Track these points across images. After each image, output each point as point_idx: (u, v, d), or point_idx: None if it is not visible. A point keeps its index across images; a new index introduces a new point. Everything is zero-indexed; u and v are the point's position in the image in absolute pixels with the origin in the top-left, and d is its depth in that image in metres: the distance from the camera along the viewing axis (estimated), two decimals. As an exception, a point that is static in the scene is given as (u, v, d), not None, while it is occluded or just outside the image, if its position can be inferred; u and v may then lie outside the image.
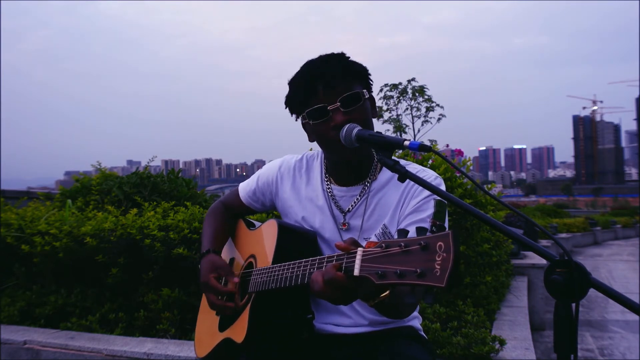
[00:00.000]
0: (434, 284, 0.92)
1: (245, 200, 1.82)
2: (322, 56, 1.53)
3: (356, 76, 1.53)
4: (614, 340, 5.55)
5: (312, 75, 1.49)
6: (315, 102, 1.49)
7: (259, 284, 1.50)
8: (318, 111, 1.49)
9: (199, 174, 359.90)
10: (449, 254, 0.92)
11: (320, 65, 1.50)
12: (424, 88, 15.40)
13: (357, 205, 1.59)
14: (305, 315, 1.56)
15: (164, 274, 3.36)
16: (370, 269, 1.04)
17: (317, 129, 1.52)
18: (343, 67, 1.50)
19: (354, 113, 1.47)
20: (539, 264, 5.85)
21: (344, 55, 1.53)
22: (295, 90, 1.54)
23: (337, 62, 1.51)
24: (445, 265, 0.92)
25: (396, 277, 0.98)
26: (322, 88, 1.48)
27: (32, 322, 3.46)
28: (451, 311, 3.50)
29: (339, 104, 1.47)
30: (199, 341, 1.81)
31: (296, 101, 1.55)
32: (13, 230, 3.79)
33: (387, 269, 1.00)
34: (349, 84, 1.49)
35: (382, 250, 1.03)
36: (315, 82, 1.48)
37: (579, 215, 26.12)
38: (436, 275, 0.92)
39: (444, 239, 0.94)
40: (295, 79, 1.54)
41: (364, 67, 1.56)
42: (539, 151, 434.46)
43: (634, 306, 0.98)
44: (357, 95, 1.49)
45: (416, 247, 0.97)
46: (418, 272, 0.95)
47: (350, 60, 1.53)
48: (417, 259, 0.96)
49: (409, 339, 1.59)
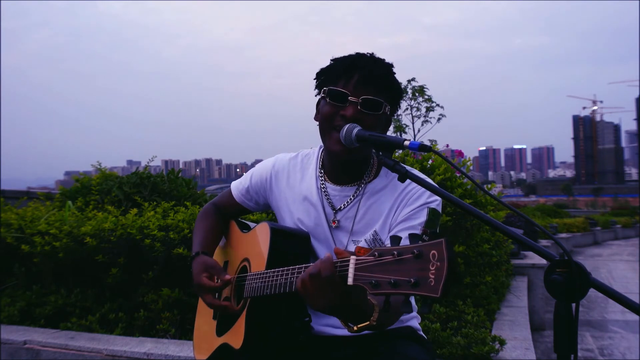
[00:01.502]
0: (429, 294, 0.91)
1: (238, 199, 1.81)
2: (373, 55, 1.55)
3: (390, 90, 1.53)
4: (614, 340, 5.55)
5: (356, 63, 1.50)
6: (342, 86, 1.50)
7: (253, 289, 1.49)
8: (339, 94, 1.49)
9: (199, 174, 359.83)
10: (443, 262, 0.91)
11: (368, 61, 1.51)
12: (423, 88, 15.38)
13: (349, 205, 1.59)
14: (302, 318, 1.55)
15: (164, 274, 3.36)
16: (364, 278, 1.03)
17: (327, 109, 1.52)
18: (384, 75, 1.52)
19: (366, 117, 1.48)
20: (539, 264, 5.85)
21: (391, 67, 1.55)
22: (333, 66, 1.55)
23: (383, 67, 1.52)
24: (439, 274, 0.91)
25: (390, 287, 0.97)
26: (356, 78, 1.49)
27: (32, 322, 3.46)
28: (451, 311, 3.50)
29: (360, 100, 1.47)
30: (198, 345, 1.80)
31: (328, 75, 1.55)
32: (13, 230, 3.79)
33: (381, 278, 0.99)
34: (378, 91, 1.50)
35: (375, 258, 1.02)
36: (354, 70, 1.49)
37: (579, 215, 26.11)
38: (430, 285, 0.91)
39: (437, 247, 0.93)
40: (340, 58, 1.55)
41: (400, 89, 1.58)
42: (539, 151, 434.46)
43: (634, 306, 0.98)
44: (379, 104, 1.49)
45: (409, 255, 0.96)
46: (412, 282, 0.94)
47: (394, 76, 1.55)
48: (411, 268, 0.95)
49: (408, 339, 1.59)
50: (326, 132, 1.54)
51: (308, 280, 1.17)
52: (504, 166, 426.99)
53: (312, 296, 1.18)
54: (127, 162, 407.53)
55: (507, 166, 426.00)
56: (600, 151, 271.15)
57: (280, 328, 1.54)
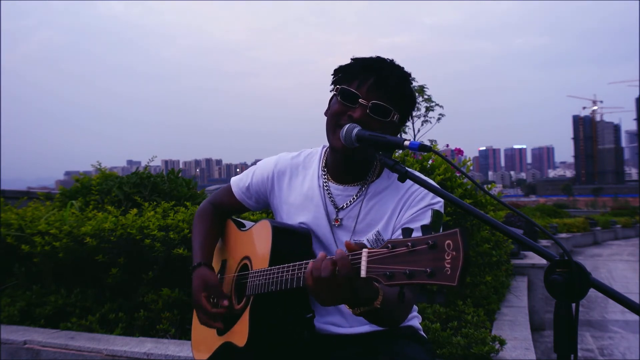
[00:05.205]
0: (446, 282, 0.91)
1: (238, 196, 1.79)
2: (392, 61, 1.54)
3: (402, 99, 1.53)
4: (614, 340, 5.55)
5: (373, 66, 1.50)
6: (355, 87, 1.49)
7: (257, 286, 1.48)
8: (351, 95, 1.49)
9: (199, 174, 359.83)
10: (459, 252, 0.91)
11: (385, 66, 1.51)
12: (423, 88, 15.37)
13: (352, 205, 1.59)
14: (306, 315, 1.55)
15: (164, 274, 3.36)
16: (377, 270, 1.03)
17: (337, 107, 1.52)
18: (399, 84, 1.51)
19: (373, 122, 1.47)
20: (539, 264, 5.84)
21: (408, 76, 1.55)
22: (352, 65, 1.55)
23: (400, 75, 1.52)
24: (456, 263, 0.91)
25: (405, 278, 0.97)
26: (371, 82, 1.48)
27: (32, 322, 3.46)
28: (451, 311, 3.50)
29: (370, 104, 1.47)
30: (196, 345, 1.80)
31: (345, 73, 1.55)
32: (13, 230, 3.79)
33: (396, 269, 0.99)
34: (390, 98, 1.49)
35: (388, 250, 1.02)
36: (371, 73, 1.49)
37: (579, 215, 26.10)
38: (447, 274, 0.91)
39: (452, 237, 0.93)
40: (360, 59, 1.55)
41: (414, 100, 1.58)
42: (539, 151, 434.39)
43: (634, 306, 0.98)
44: (388, 111, 1.49)
45: (424, 246, 0.96)
46: (428, 272, 0.93)
47: (410, 86, 1.55)
48: (426, 258, 0.95)
49: (408, 338, 1.59)
50: (331, 129, 1.54)
51: (323, 280, 1.14)
52: (504, 166, 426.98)
53: (323, 294, 1.17)
54: (127, 162, 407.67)
55: (507, 166, 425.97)
56: (600, 151, 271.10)
57: (284, 325, 1.54)
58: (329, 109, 1.58)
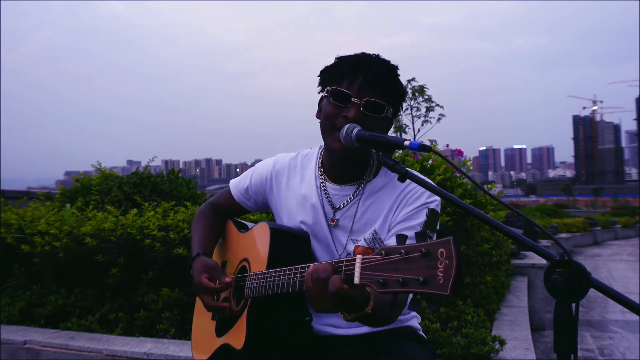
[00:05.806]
0: (438, 292, 0.91)
1: (237, 198, 1.80)
2: (378, 57, 1.54)
3: (393, 93, 1.53)
4: (614, 340, 5.55)
5: (360, 64, 1.50)
6: (346, 87, 1.49)
7: (254, 289, 1.48)
8: (342, 95, 1.49)
9: (199, 174, 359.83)
10: (452, 260, 0.91)
11: (373, 63, 1.51)
12: (423, 88, 15.39)
13: (349, 205, 1.59)
14: (304, 318, 1.55)
15: (164, 274, 3.36)
16: (371, 277, 1.03)
17: (329, 109, 1.52)
18: (389, 79, 1.51)
19: (368, 119, 1.47)
20: (539, 264, 5.84)
21: (396, 69, 1.54)
22: (338, 65, 1.55)
23: (388, 70, 1.52)
24: (448, 272, 0.91)
25: (398, 286, 0.97)
26: (361, 80, 1.48)
27: (32, 322, 3.46)
28: (451, 311, 3.50)
29: (363, 102, 1.47)
30: (196, 345, 1.80)
31: (332, 74, 1.55)
32: (13, 230, 3.79)
33: (389, 277, 0.99)
34: (382, 94, 1.50)
35: (382, 257, 1.02)
36: (359, 71, 1.49)
37: (579, 215, 26.09)
38: (439, 283, 0.91)
39: (445, 245, 0.93)
40: (345, 58, 1.55)
41: (404, 92, 1.58)
42: (539, 151, 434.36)
43: (634, 306, 0.98)
44: (382, 107, 1.49)
45: (417, 254, 0.96)
46: (421, 280, 0.93)
47: (399, 78, 1.55)
48: (419, 266, 0.95)
49: (408, 339, 1.59)
50: (327, 131, 1.54)
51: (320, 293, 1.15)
52: (504, 166, 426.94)
53: (318, 302, 1.17)
54: (127, 162, 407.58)
55: (507, 166, 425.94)
56: (600, 151, 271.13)
57: (282, 328, 1.53)
58: (320, 111, 1.59)
